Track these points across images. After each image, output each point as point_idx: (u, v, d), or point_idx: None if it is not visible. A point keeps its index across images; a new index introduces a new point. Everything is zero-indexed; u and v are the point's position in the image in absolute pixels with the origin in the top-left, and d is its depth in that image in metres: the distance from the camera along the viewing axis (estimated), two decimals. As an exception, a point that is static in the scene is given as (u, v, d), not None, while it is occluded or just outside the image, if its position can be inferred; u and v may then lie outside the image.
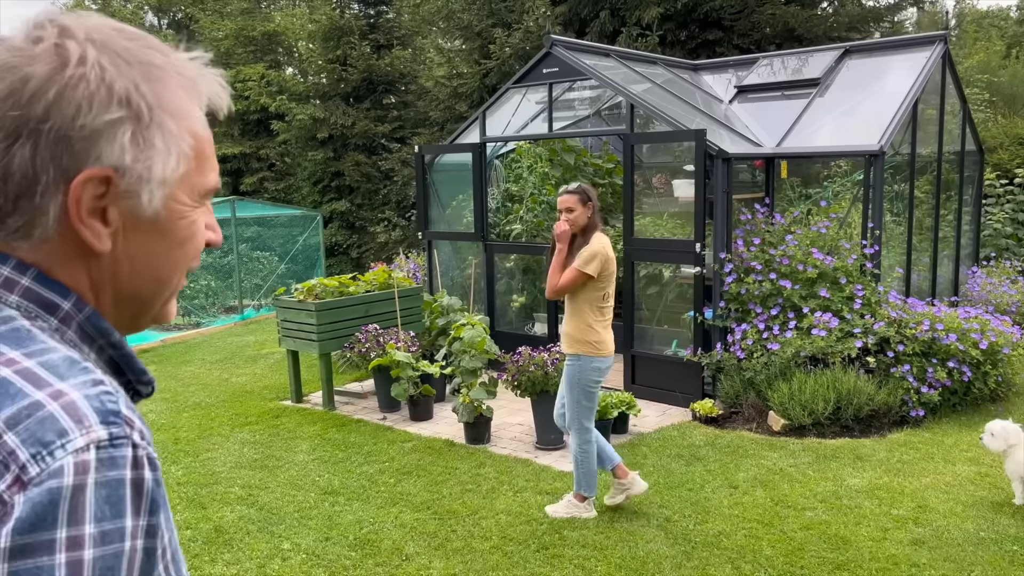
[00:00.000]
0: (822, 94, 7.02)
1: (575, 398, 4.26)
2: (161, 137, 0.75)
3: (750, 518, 4.28)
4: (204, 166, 0.81)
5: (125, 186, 0.74)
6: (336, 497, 4.76)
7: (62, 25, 0.73)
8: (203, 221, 0.83)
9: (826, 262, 5.90)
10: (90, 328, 0.77)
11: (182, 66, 0.79)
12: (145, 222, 0.77)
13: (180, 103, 0.77)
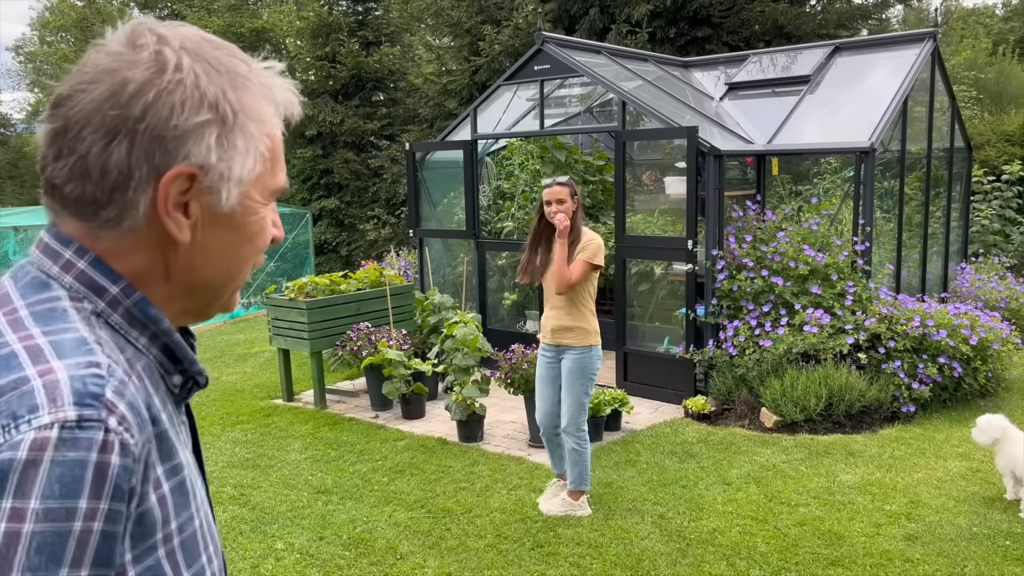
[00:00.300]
0: (812, 91, 7.03)
1: (579, 392, 4.21)
2: (243, 139, 0.82)
3: (744, 514, 4.28)
4: (276, 167, 0.87)
5: (207, 183, 0.80)
6: (329, 496, 4.73)
7: (160, 34, 0.80)
8: (271, 218, 0.89)
9: (818, 259, 5.92)
10: (138, 313, 0.81)
11: (262, 75, 0.85)
12: (222, 217, 0.83)
13: (261, 109, 0.84)
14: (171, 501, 0.78)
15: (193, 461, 0.89)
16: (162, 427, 0.79)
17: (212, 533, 0.88)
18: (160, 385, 0.84)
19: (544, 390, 4.35)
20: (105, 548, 0.70)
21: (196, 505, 0.83)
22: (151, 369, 0.83)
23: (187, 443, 0.89)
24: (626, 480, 4.80)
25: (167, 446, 0.79)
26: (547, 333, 4.30)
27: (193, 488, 0.83)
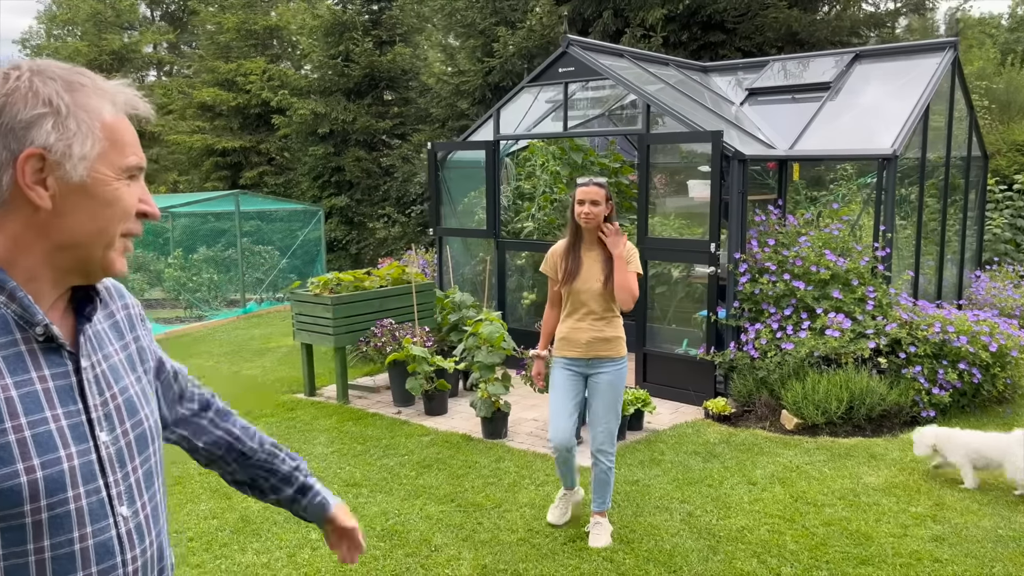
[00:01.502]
0: (833, 98, 7.10)
1: (618, 407, 3.99)
2: (75, 124, 1.06)
3: (771, 514, 4.35)
4: (120, 148, 1.11)
5: (53, 159, 1.05)
6: (359, 489, 4.79)
7: (14, 64, 1.08)
8: (135, 194, 1.13)
9: (839, 264, 5.99)
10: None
11: (102, 84, 1.11)
12: (76, 187, 1.07)
13: (92, 103, 1.08)
14: None
15: (54, 392, 1.11)
16: None
17: (43, 447, 1.07)
18: (11, 332, 1.07)
19: (563, 403, 4.02)
20: None
21: (20, 424, 1.04)
22: (4, 319, 1.07)
23: (53, 379, 1.11)
24: (652, 478, 4.86)
25: None
26: (577, 346, 3.96)
27: (13, 409, 1.04)
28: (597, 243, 3.95)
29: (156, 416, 1.30)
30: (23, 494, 1.04)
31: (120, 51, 19.99)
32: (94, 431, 1.14)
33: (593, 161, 8.81)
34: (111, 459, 1.16)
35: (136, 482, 1.21)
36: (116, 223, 1.11)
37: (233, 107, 15.91)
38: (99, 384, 1.18)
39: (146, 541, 1.22)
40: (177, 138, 16.24)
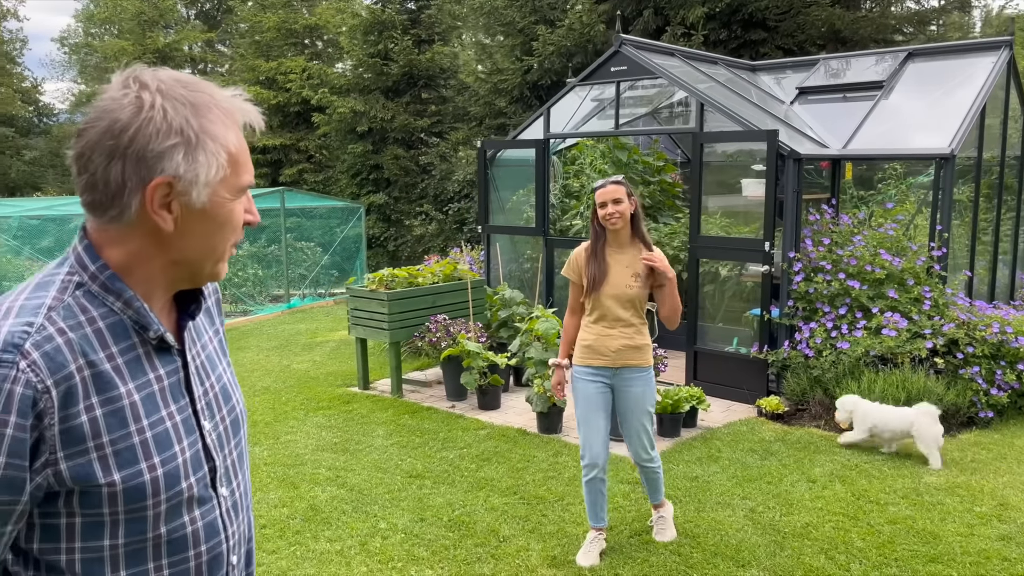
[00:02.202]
0: (886, 96, 7.08)
1: (652, 414, 3.87)
2: (204, 154, 1.10)
3: (834, 511, 4.37)
4: (239, 171, 1.15)
5: (181, 188, 1.09)
6: (422, 480, 4.88)
7: (142, 81, 1.09)
8: (242, 207, 1.18)
9: (894, 263, 5.97)
10: (109, 284, 1.12)
11: (222, 101, 1.13)
12: (197, 211, 1.12)
13: (218, 129, 1.11)
14: (103, 422, 1.07)
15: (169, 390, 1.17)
16: (99, 368, 1.08)
17: (162, 445, 1.14)
18: (129, 337, 1.13)
19: (595, 418, 3.78)
20: (15, 445, 1.01)
21: (143, 426, 1.11)
22: (122, 325, 1.12)
23: (167, 377, 1.17)
24: (711, 475, 4.90)
25: (103, 382, 1.08)
26: (604, 354, 3.74)
27: (136, 413, 1.10)
28: (626, 245, 3.74)
29: (243, 402, 1.38)
30: (147, 491, 1.11)
31: (163, 50, 20.31)
32: (199, 421, 1.22)
33: (637, 159, 8.84)
34: (214, 445, 1.24)
35: (232, 464, 1.29)
36: (228, 240, 1.17)
37: (273, 105, 16.13)
38: (200, 375, 1.25)
39: (240, 517, 1.31)
40: (218, 135, 16.45)
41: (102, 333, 1.10)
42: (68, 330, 1.07)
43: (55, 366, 1.04)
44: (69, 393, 1.04)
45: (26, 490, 1.04)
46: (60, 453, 1.04)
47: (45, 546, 1.11)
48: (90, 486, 1.07)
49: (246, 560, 1.36)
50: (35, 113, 37.36)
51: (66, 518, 1.09)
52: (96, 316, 1.10)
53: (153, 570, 1.15)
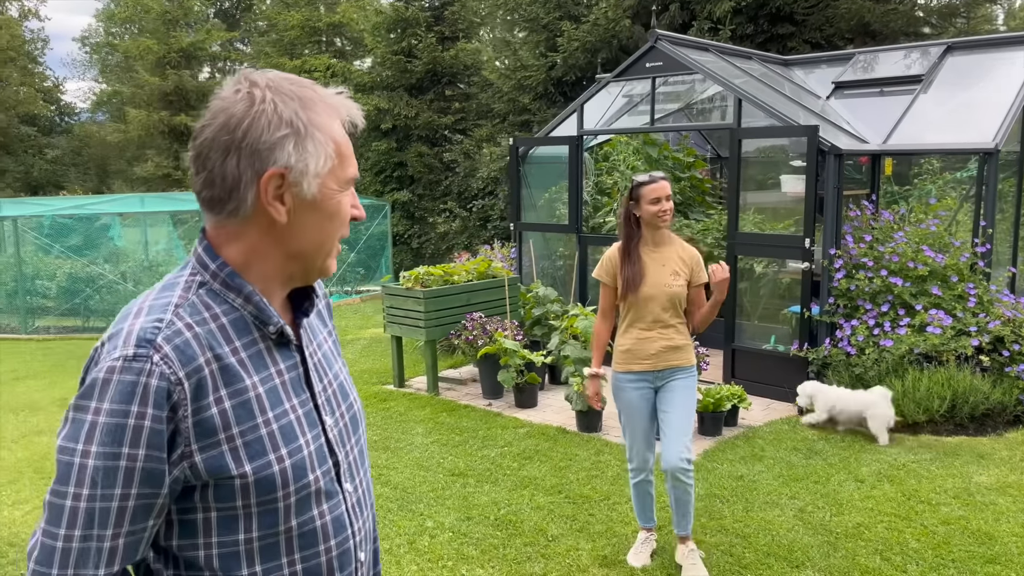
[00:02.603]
0: (926, 90, 6.98)
1: (693, 414, 3.69)
2: (312, 144, 1.12)
3: (885, 511, 4.32)
4: (345, 162, 1.17)
5: (292, 178, 1.12)
6: (465, 479, 4.88)
7: (252, 80, 1.13)
8: (348, 201, 1.19)
9: (937, 260, 5.89)
10: (230, 281, 1.15)
11: (327, 97, 1.16)
12: (308, 202, 1.14)
13: (324, 121, 1.14)
14: (232, 414, 1.10)
15: (289, 384, 1.20)
16: (226, 362, 1.11)
17: (288, 437, 1.16)
18: (250, 332, 1.16)
19: (642, 426, 3.69)
20: (153, 437, 1.04)
21: (269, 418, 1.13)
22: (244, 321, 1.15)
23: (287, 371, 1.20)
24: (756, 474, 4.85)
25: (230, 375, 1.11)
26: (645, 358, 3.61)
27: (262, 405, 1.13)
28: (663, 242, 3.61)
29: (360, 401, 1.39)
30: (276, 482, 1.13)
31: (187, 49, 20.43)
32: (321, 416, 1.23)
33: (667, 155, 8.79)
34: (336, 440, 1.25)
35: (353, 460, 1.30)
36: (337, 233, 1.19)
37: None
38: (318, 372, 1.27)
39: (365, 513, 1.32)
40: (242, 134, 16.52)
41: (225, 329, 1.13)
42: (195, 325, 1.11)
43: (186, 359, 1.07)
44: (200, 385, 1.08)
45: (165, 482, 1.07)
46: (195, 445, 1.07)
47: (183, 542, 1.13)
48: (223, 478, 1.09)
49: (373, 559, 1.37)
50: (57, 112, 37.74)
51: (202, 513, 1.12)
52: (219, 313, 1.14)
53: (286, 565, 1.17)
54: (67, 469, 1.05)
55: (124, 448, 1.03)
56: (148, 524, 1.09)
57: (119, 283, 10.33)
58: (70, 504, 1.04)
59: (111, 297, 10.34)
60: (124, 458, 1.03)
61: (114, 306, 10.41)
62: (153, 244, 11.67)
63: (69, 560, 1.05)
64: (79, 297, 10.47)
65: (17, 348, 9.51)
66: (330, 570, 1.22)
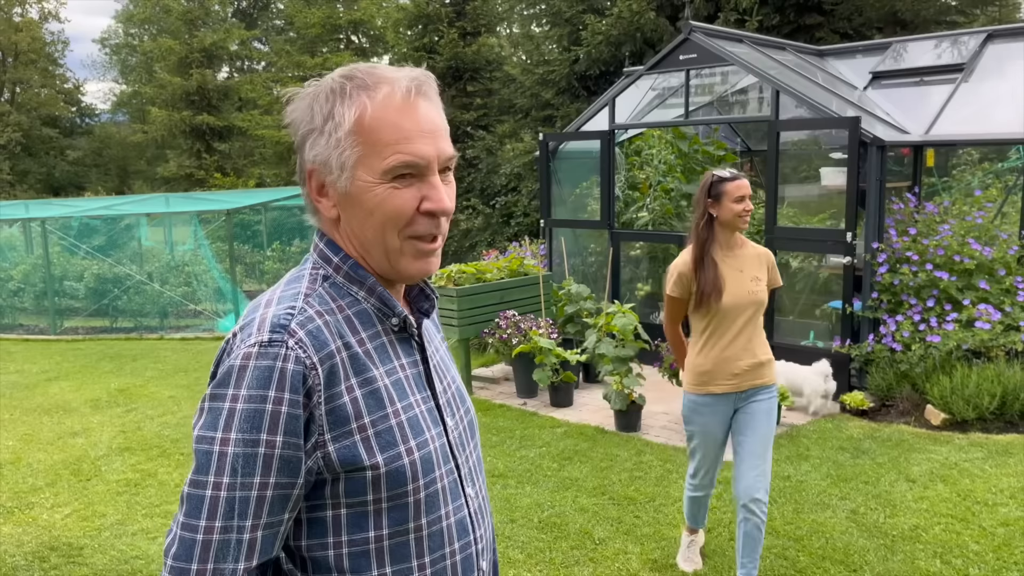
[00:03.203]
0: (967, 79, 6.81)
1: (772, 439, 3.33)
2: (326, 138, 1.08)
3: (941, 512, 4.19)
4: (380, 151, 1.07)
5: (322, 173, 1.10)
6: (506, 480, 4.80)
7: (326, 77, 1.12)
8: (410, 196, 1.08)
9: (984, 253, 5.74)
10: (353, 274, 1.14)
11: (368, 80, 1.09)
12: (346, 197, 1.10)
13: (339, 110, 1.08)
14: (363, 403, 1.07)
15: (412, 379, 1.16)
16: (354, 351, 1.08)
17: (416, 430, 1.13)
18: (374, 324, 1.13)
19: (716, 452, 3.41)
20: (291, 423, 1.02)
21: (396, 409, 1.10)
22: (367, 313, 1.13)
23: (408, 367, 1.16)
24: (804, 474, 4.74)
25: (360, 364, 1.08)
26: (729, 378, 3.24)
27: (390, 396, 1.10)
28: (736, 246, 3.28)
29: (474, 409, 1.34)
30: (407, 474, 1.09)
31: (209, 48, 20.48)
32: (443, 416, 1.20)
33: (697, 148, 8.66)
34: (456, 441, 1.21)
35: (473, 465, 1.27)
36: (386, 228, 1.09)
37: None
38: (439, 373, 1.24)
39: (485, 521, 1.28)
40: (264, 132, 16.57)
41: (351, 320, 1.11)
42: (324, 314, 1.09)
43: (319, 344, 1.05)
44: (333, 372, 1.06)
45: (301, 471, 1.04)
46: (328, 435, 1.05)
47: (312, 542, 1.10)
48: (355, 469, 1.06)
49: (493, 569, 1.33)
50: (77, 114, 38.08)
51: (332, 510, 1.09)
52: (344, 305, 1.12)
53: (416, 568, 1.13)
54: (206, 458, 1.02)
55: (263, 434, 1.01)
56: (284, 517, 1.06)
57: (146, 283, 10.34)
58: (210, 494, 1.02)
59: (138, 298, 10.36)
60: (263, 444, 1.01)
61: (141, 306, 10.43)
62: (179, 244, 11.69)
63: (209, 553, 1.02)
64: (107, 298, 10.50)
65: (48, 349, 9.55)
66: (455, 575, 1.18)
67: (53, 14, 34.81)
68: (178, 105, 21.09)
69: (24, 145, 30.33)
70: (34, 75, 32.90)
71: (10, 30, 30.76)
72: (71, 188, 31.80)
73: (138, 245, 10.83)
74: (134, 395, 7.22)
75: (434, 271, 1.16)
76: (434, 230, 1.11)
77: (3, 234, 11.95)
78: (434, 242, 1.12)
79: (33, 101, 32.26)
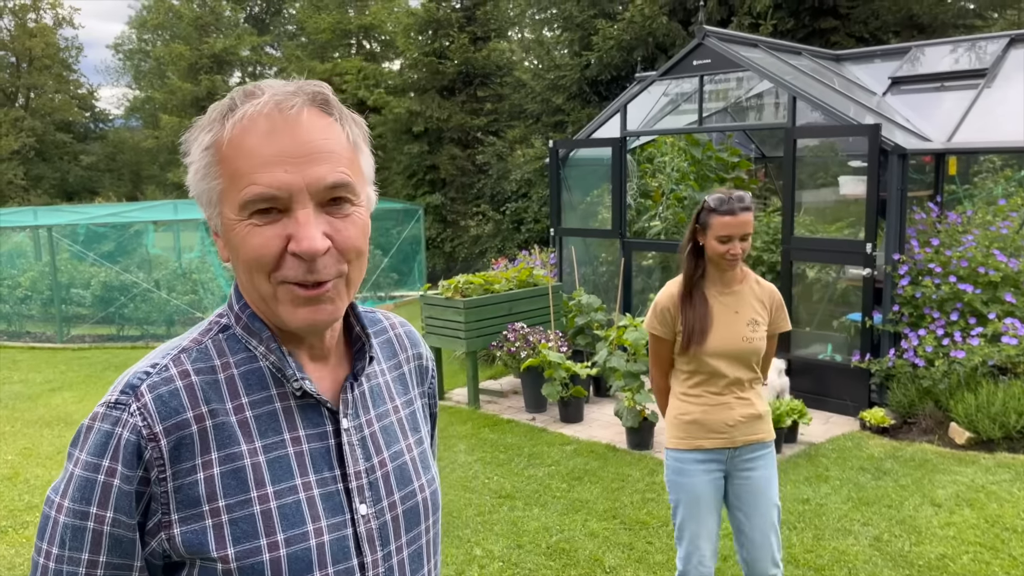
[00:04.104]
0: (990, 85, 6.60)
1: (779, 507, 2.84)
2: (192, 170, 0.96)
3: (969, 540, 4.00)
4: (236, 182, 0.92)
5: (204, 209, 0.98)
6: (513, 501, 4.64)
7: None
8: (273, 234, 0.91)
9: (1010, 265, 5.54)
10: (251, 325, 1.00)
11: (240, 100, 0.94)
12: (223, 237, 0.97)
13: (198, 137, 0.95)
14: (219, 483, 0.93)
15: (309, 456, 0.99)
16: (222, 420, 0.94)
17: (289, 521, 0.95)
18: (267, 387, 0.98)
19: (708, 521, 2.78)
20: (121, 499, 0.91)
21: (266, 494, 0.95)
22: (260, 374, 0.98)
23: (308, 440, 0.99)
24: (823, 497, 4.55)
25: (225, 436, 0.94)
26: (719, 431, 2.73)
27: (259, 477, 0.94)
28: (734, 281, 2.77)
29: (436, 485, 1.13)
30: (265, 573, 0.93)
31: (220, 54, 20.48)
32: (351, 502, 1.00)
33: (711, 155, 8.48)
34: (370, 535, 1.01)
35: (399, 563, 1.04)
36: (252, 272, 0.94)
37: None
38: (365, 448, 1.03)
39: None
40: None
41: (234, 381, 0.97)
42: (194, 373, 0.96)
43: (167, 412, 0.93)
44: (182, 445, 0.93)
45: (137, 554, 0.94)
46: (174, 515, 0.93)
47: None
48: (204, 559, 0.93)
49: None
50: (91, 119, 38.26)
51: None
52: (232, 362, 0.98)
53: None
54: (44, 523, 0.95)
55: (92, 508, 0.92)
56: None
57: (152, 291, 10.25)
58: (42, 562, 0.94)
59: (145, 305, 10.28)
60: (92, 519, 0.92)
61: (148, 314, 10.35)
62: (186, 251, 11.61)
63: None
64: (114, 305, 10.42)
65: (53, 358, 9.47)
66: None
67: (67, 20, 35.00)
68: (188, 111, 21.09)
69: (38, 150, 30.48)
70: (48, 80, 33.10)
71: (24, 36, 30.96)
72: (84, 193, 31.92)
73: (146, 252, 10.75)
74: (137, 407, 7.10)
75: (325, 320, 0.95)
76: (306, 275, 0.92)
77: (11, 241, 11.91)
78: (316, 288, 0.93)
79: (47, 106, 32.45)
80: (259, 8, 38.40)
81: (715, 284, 2.76)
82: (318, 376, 1.02)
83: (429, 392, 1.23)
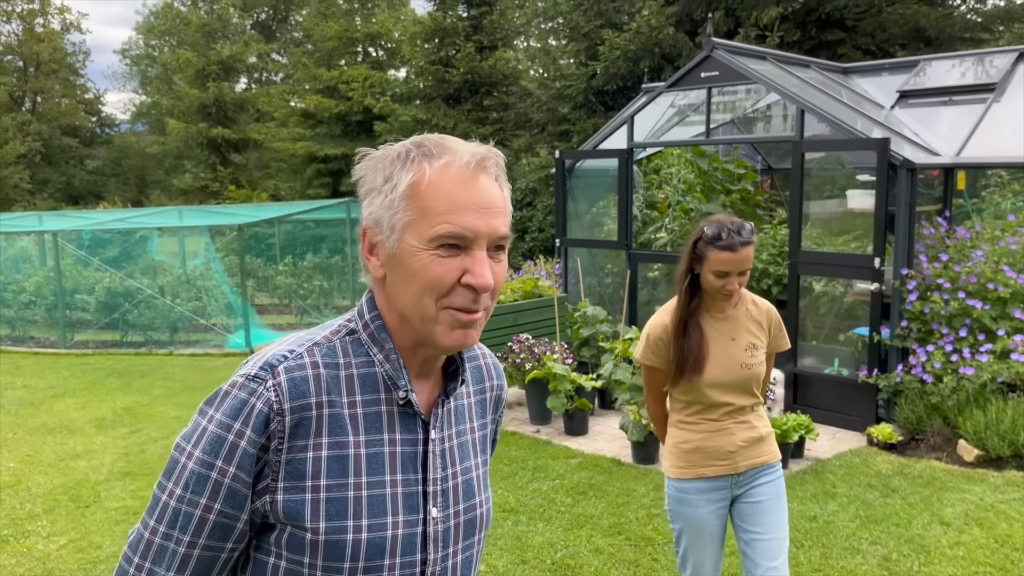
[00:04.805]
0: (999, 99, 6.58)
1: (787, 527, 2.71)
2: (382, 198, 1.10)
3: (979, 561, 3.95)
4: (430, 219, 1.06)
5: (372, 232, 1.11)
6: (517, 516, 4.60)
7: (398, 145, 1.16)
8: (454, 265, 1.07)
9: (1019, 281, 5.50)
10: (376, 334, 1.14)
11: (434, 149, 1.10)
12: (392, 258, 1.10)
13: (398, 174, 1.09)
14: (325, 464, 1.07)
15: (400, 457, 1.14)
16: (337, 411, 1.09)
17: (374, 510, 1.10)
18: (377, 391, 1.12)
19: (714, 554, 2.69)
20: (245, 459, 1.06)
21: (360, 482, 1.09)
22: (374, 378, 1.12)
23: (402, 444, 1.14)
24: (830, 515, 4.51)
25: (337, 425, 1.08)
26: (721, 458, 2.62)
27: (358, 466, 1.09)
28: (728, 306, 2.65)
29: (490, 505, 1.28)
30: (346, 551, 1.08)
31: (227, 61, 20.53)
32: (427, 504, 1.15)
33: (717, 167, 8.46)
34: (436, 536, 1.16)
35: (454, 567, 1.19)
36: (424, 295, 1.07)
37: (335, 114, 16.12)
38: (444, 458, 1.18)
39: None
40: (280, 145, 16.54)
41: (353, 379, 1.12)
42: (322, 366, 1.10)
43: (297, 393, 1.07)
44: (302, 424, 1.07)
45: (246, 508, 1.07)
46: (281, 483, 1.07)
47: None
48: (297, 527, 1.07)
49: None
50: (98, 123, 38.41)
51: (273, 558, 1.10)
52: (353, 363, 1.12)
53: None
54: (172, 465, 1.09)
55: (218, 461, 1.05)
56: (226, 546, 1.09)
57: (156, 297, 10.24)
58: (164, 499, 1.08)
59: (149, 312, 10.26)
60: (216, 470, 1.05)
61: (152, 321, 10.33)
62: (191, 257, 11.60)
63: (149, 552, 1.09)
64: (118, 311, 10.41)
65: (56, 364, 9.45)
66: None
67: (75, 25, 35.16)
68: (194, 117, 21.14)
69: (44, 154, 30.57)
70: (55, 85, 33.22)
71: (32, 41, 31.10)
72: (89, 197, 32.01)
73: (150, 258, 10.75)
74: (139, 415, 7.08)
75: (471, 343, 1.12)
76: (472, 304, 1.08)
77: (16, 246, 11.93)
78: (473, 314, 1.09)
79: (54, 111, 32.56)
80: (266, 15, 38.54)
81: (709, 310, 2.64)
82: (418, 390, 1.17)
83: (497, 420, 1.37)
